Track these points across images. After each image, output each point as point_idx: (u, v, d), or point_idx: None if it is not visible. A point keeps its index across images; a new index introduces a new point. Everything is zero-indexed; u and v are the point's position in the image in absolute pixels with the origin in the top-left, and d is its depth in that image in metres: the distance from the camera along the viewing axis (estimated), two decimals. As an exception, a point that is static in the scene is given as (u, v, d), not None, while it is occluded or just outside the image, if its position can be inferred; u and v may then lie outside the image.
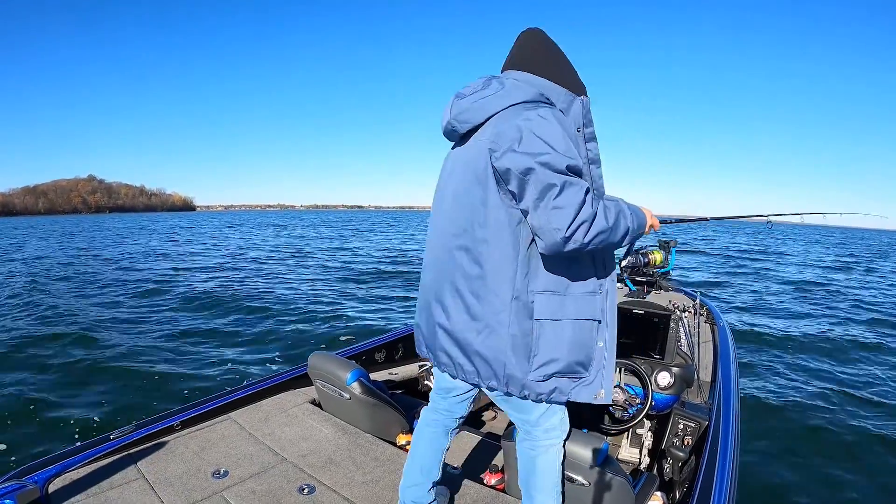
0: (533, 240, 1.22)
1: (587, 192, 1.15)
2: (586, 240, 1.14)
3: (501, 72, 1.39)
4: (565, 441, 1.54)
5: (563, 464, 1.50)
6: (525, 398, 1.32)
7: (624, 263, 2.53)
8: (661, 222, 1.56)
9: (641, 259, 2.49)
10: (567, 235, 1.12)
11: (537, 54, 1.34)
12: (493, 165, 1.21)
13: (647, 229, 1.40)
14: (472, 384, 1.39)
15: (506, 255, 1.24)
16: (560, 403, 1.37)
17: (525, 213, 1.19)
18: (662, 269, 4.37)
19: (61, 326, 6.60)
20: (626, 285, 4.29)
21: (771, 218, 2.35)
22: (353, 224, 54.91)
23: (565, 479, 1.61)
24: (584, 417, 2.65)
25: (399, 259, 15.87)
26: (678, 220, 2.12)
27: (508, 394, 1.33)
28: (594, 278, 1.32)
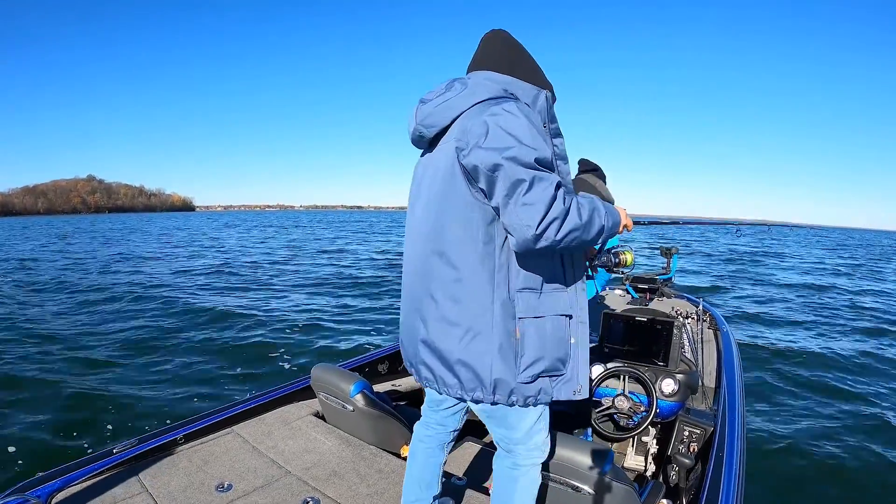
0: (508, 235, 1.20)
1: (558, 187, 1.13)
2: (558, 237, 1.11)
3: (466, 74, 1.37)
4: (557, 451, 1.54)
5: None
6: (513, 404, 1.28)
7: (596, 262, 2.52)
8: (635, 223, 1.56)
9: (613, 258, 2.49)
10: (538, 233, 1.09)
11: (500, 53, 1.33)
12: (461, 164, 1.20)
13: (620, 228, 1.39)
14: (456, 398, 1.34)
15: (482, 254, 1.21)
16: (545, 404, 1.34)
17: (497, 210, 1.17)
18: (664, 276, 4.38)
19: (51, 338, 6.59)
20: (628, 293, 4.29)
21: (740, 226, 2.36)
22: (351, 225, 54.64)
23: (571, 488, 1.60)
24: (591, 424, 2.64)
25: (397, 263, 15.84)
26: (651, 223, 2.12)
27: (495, 403, 1.28)
28: (563, 274, 1.31)
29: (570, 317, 1.30)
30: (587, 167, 3.25)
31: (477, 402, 1.30)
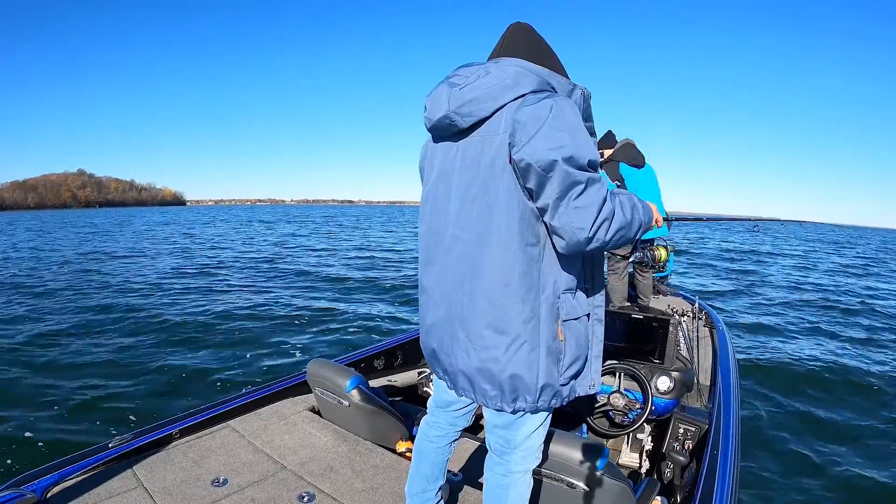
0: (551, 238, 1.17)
1: (605, 188, 1.12)
2: (608, 237, 1.11)
3: (490, 59, 1.27)
4: (551, 447, 1.53)
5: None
6: (547, 409, 1.28)
7: (632, 259, 2.52)
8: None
9: (649, 255, 2.48)
10: (590, 235, 1.08)
11: (530, 44, 1.26)
12: (512, 161, 1.12)
13: (652, 224, 1.36)
14: (494, 409, 1.28)
15: (530, 257, 1.16)
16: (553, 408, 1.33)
17: (542, 210, 1.12)
18: (661, 274, 4.39)
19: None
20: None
21: (758, 222, 2.35)
22: (340, 220, 53.67)
23: (566, 484, 1.61)
24: (586, 421, 2.65)
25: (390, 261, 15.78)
26: (677, 219, 2.11)
27: (537, 411, 1.25)
28: (589, 272, 1.30)
29: (589, 315, 1.29)
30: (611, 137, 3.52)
31: (516, 411, 1.25)
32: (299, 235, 27.07)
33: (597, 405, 2.58)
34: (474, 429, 2.89)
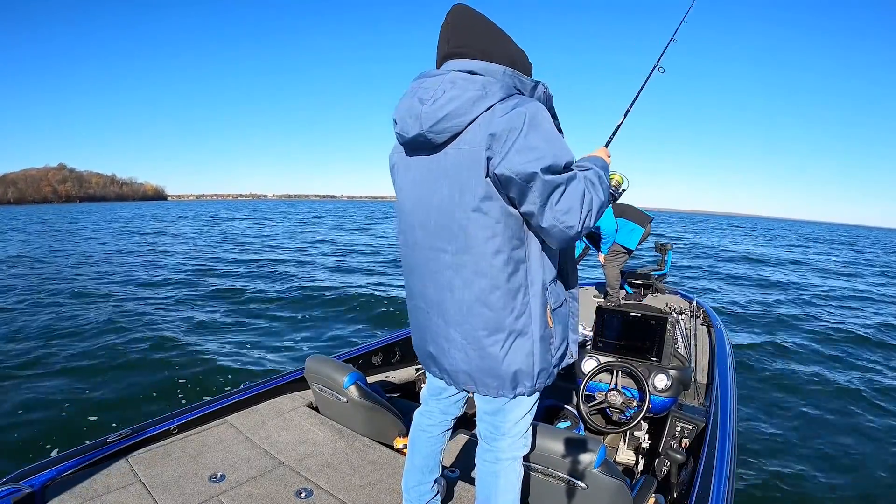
0: (534, 236, 1.22)
1: (581, 182, 1.17)
2: (592, 222, 1.17)
3: (442, 58, 1.25)
4: (548, 445, 1.55)
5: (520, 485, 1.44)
6: (540, 390, 1.34)
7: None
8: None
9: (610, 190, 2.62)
10: (579, 229, 1.14)
11: (482, 36, 1.22)
12: (491, 173, 1.13)
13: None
14: (494, 397, 1.32)
15: (517, 258, 1.20)
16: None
17: (527, 215, 1.16)
18: (659, 272, 4.40)
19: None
20: (623, 288, 4.31)
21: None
22: (326, 215, 53.36)
23: (563, 482, 1.61)
24: (583, 418, 2.65)
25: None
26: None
27: (533, 392, 1.31)
28: (564, 255, 1.39)
29: (567, 297, 1.37)
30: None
31: (518, 395, 1.31)
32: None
33: (594, 402, 2.59)
34: (470, 424, 2.90)
